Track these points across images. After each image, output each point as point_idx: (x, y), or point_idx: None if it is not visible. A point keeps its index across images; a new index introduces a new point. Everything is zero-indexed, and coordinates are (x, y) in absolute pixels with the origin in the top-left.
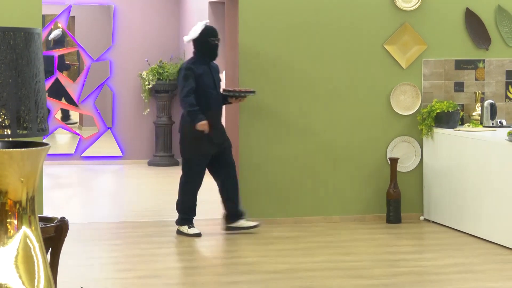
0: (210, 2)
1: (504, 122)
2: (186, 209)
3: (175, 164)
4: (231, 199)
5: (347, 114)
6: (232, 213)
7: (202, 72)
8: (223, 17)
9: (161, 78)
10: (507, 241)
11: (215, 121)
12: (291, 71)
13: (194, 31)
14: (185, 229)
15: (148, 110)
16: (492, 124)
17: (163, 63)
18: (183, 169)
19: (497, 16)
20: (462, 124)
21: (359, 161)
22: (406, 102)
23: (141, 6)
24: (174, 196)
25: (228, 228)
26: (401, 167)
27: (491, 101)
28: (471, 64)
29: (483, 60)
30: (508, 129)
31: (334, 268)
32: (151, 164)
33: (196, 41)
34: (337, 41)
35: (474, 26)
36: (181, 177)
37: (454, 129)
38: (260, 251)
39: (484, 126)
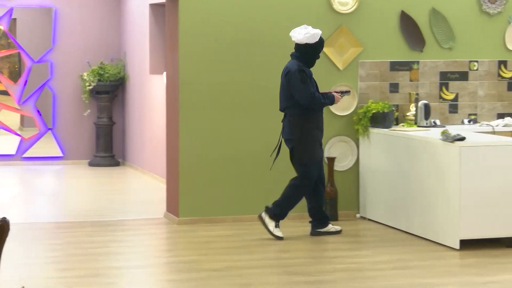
0: (150, 4)
1: (437, 122)
2: (285, 210)
3: (116, 164)
4: (321, 205)
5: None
6: (322, 217)
7: (311, 75)
8: (164, 19)
9: (101, 79)
10: (439, 237)
11: (322, 124)
12: (231, 72)
13: (312, 36)
14: (272, 226)
15: (89, 111)
16: (426, 124)
17: (103, 64)
18: (300, 173)
19: (431, 18)
20: (397, 124)
21: None
22: (343, 103)
23: (82, 8)
24: (115, 196)
25: (317, 233)
26: (338, 166)
27: (425, 101)
28: (406, 66)
29: (418, 62)
30: (441, 129)
31: (272, 266)
32: (91, 164)
33: (308, 46)
34: (276, 43)
35: (409, 28)
36: (296, 181)
37: (389, 129)
38: (200, 250)
39: (418, 126)
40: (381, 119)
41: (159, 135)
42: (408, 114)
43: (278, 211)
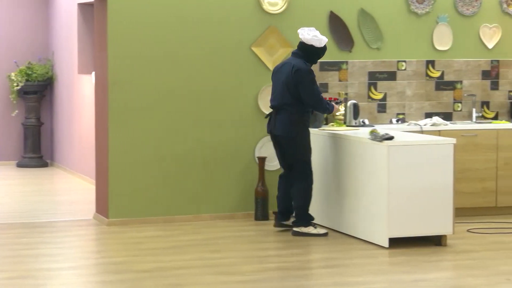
0: (79, 4)
1: (366, 122)
2: (308, 212)
3: (44, 165)
4: (290, 200)
5: (215, 115)
6: (287, 211)
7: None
8: (92, 18)
9: (29, 79)
10: (368, 236)
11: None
12: (160, 72)
13: (319, 40)
14: (312, 229)
15: (17, 111)
16: (355, 123)
17: (31, 64)
18: (304, 173)
19: (360, 19)
20: (327, 124)
21: (228, 160)
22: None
23: (9, 7)
24: (44, 197)
25: (281, 225)
26: (269, 166)
27: (354, 101)
28: (335, 66)
29: (346, 62)
30: (370, 128)
31: (204, 266)
32: (19, 165)
33: (313, 48)
34: (206, 43)
35: (338, 29)
36: (303, 181)
37: (319, 128)
38: (130, 251)
39: (347, 126)
40: (311, 119)
41: (88, 136)
42: (337, 114)
43: (305, 217)
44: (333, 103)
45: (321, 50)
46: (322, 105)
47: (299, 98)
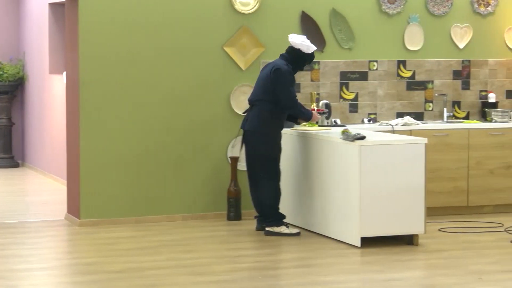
0: (50, 4)
1: (338, 122)
2: (278, 208)
3: (15, 166)
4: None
5: (188, 114)
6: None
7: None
8: (63, 18)
9: (0, 79)
10: (340, 235)
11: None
12: (132, 72)
13: (308, 46)
14: (284, 229)
15: None
16: (327, 123)
17: (2, 64)
18: (268, 170)
19: (332, 19)
20: (299, 123)
21: (201, 160)
22: (246, 103)
23: None
24: (15, 197)
25: (262, 228)
26: (241, 166)
27: (326, 101)
28: (307, 66)
29: (318, 62)
30: (342, 128)
31: (176, 266)
32: None
33: (300, 53)
34: (178, 43)
35: (310, 29)
36: (270, 180)
37: (291, 128)
38: (102, 251)
39: (319, 126)
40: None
41: (60, 136)
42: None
43: (276, 216)
44: (313, 112)
45: (308, 57)
46: (297, 108)
47: (275, 96)
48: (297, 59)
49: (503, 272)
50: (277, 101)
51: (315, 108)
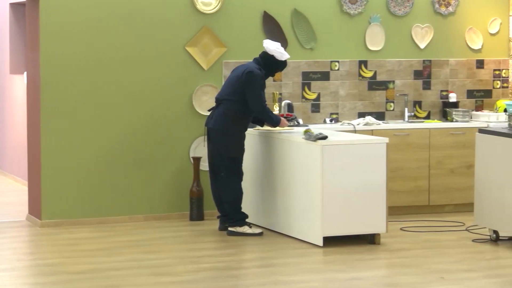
0: (10, 4)
1: (300, 122)
2: (240, 210)
3: None
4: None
5: (150, 114)
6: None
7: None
8: (24, 18)
9: None
10: (302, 235)
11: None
12: (93, 73)
13: (281, 54)
14: (247, 229)
15: None
16: (289, 123)
17: None
18: (231, 170)
19: (293, 19)
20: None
21: (163, 160)
22: (208, 103)
23: None
24: None
25: (225, 228)
26: (204, 166)
27: (288, 101)
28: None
29: None
30: (304, 128)
31: (138, 267)
32: None
33: (273, 59)
34: (140, 43)
35: (272, 29)
36: (231, 179)
37: (254, 128)
38: (64, 252)
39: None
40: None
41: (21, 136)
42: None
43: (238, 216)
44: (282, 118)
45: (280, 64)
46: (265, 112)
47: (243, 97)
48: (269, 65)
49: (465, 271)
50: (245, 102)
51: (284, 114)
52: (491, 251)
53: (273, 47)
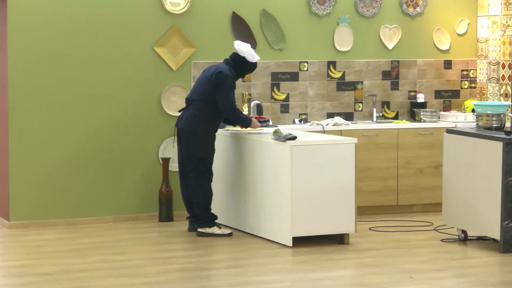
0: None
1: (270, 122)
2: (210, 209)
3: None
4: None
5: (119, 115)
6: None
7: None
8: None
9: None
10: (272, 235)
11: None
12: (62, 73)
13: (252, 55)
14: (216, 230)
15: None
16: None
17: None
18: (201, 170)
19: (262, 20)
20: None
21: (132, 161)
22: (177, 103)
23: None
24: None
25: (194, 229)
26: (173, 167)
27: (258, 102)
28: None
29: None
30: (273, 129)
31: (107, 268)
32: None
33: (244, 61)
34: (108, 43)
35: (241, 29)
36: (201, 180)
37: (223, 129)
38: (32, 254)
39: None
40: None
41: None
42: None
43: (207, 217)
44: (253, 119)
45: (251, 66)
46: (234, 113)
47: (213, 98)
48: (240, 67)
49: (434, 270)
50: (215, 103)
51: (258, 117)
52: (460, 251)
53: (244, 49)
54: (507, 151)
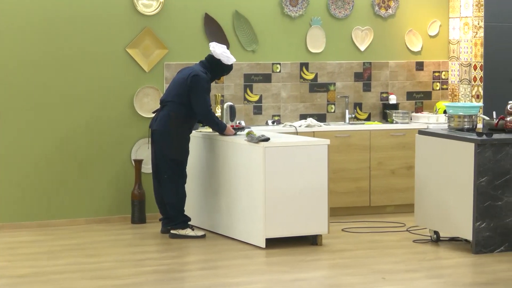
0: None
1: (243, 123)
2: (183, 211)
3: None
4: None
5: (90, 117)
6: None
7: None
8: None
9: None
10: (245, 237)
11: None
12: (33, 75)
13: (228, 58)
14: (189, 232)
15: None
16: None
17: None
18: (174, 172)
19: (235, 21)
20: (204, 125)
21: (104, 163)
22: (149, 105)
23: None
24: None
25: (167, 231)
26: (145, 168)
27: (230, 103)
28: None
29: None
30: (246, 130)
31: (79, 270)
32: None
33: (219, 63)
34: (80, 45)
35: (213, 30)
36: (174, 182)
37: (196, 130)
38: (4, 256)
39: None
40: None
41: None
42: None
43: (180, 219)
44: (230, 127)
45: (226, 68)
46: (210, 117)
47: (187, 100)
48: (216, 69)
49: (406, 271)
50: (189, 105)
51: (234, 125)
52: (432, 252)
53: (220, 51)
54: (479, 152)
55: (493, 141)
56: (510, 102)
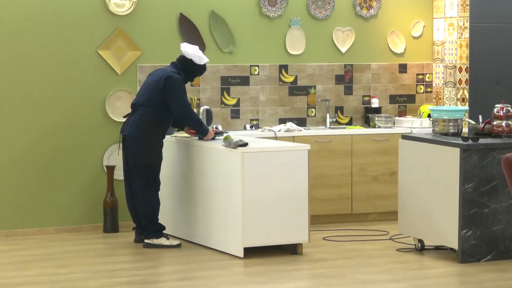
0: None
1: (220, 128)
2: (157, 219)
3: None
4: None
5: (60, 122)
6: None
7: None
8: None
9: None
10: (223, 246)
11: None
12: (1, 79)
13: (200, 58)
14: (164, 241)
15: None
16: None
17: None
18: (147, 179)
19: (211, 21)
20: (179, 130)
21: (75, 169)
22: (122, 109)
23: None
24: None
25: (141, 240)
26: (118, 175)
27: (207, 107)
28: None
29: None
30: (223, 135)
31: (49, 282)
32: None
33: (191, 63)
34: (49, 45)
35: (188, 31)
36: (147, 189)
37: (171, 135)
38: None
39: None
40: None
41: None
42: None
43: (154, 228)
44: (213, 133)
45: (199, 68)
46: (192, 117)
47: (160, 103)
48: (188, 69)
49: (390, 281)
50: (162, 108)
51: (214, 129)
52: (416, 261)
53: (191, 51)
54: (465, 157)
55: (479, 146)
56: (496, 105)
